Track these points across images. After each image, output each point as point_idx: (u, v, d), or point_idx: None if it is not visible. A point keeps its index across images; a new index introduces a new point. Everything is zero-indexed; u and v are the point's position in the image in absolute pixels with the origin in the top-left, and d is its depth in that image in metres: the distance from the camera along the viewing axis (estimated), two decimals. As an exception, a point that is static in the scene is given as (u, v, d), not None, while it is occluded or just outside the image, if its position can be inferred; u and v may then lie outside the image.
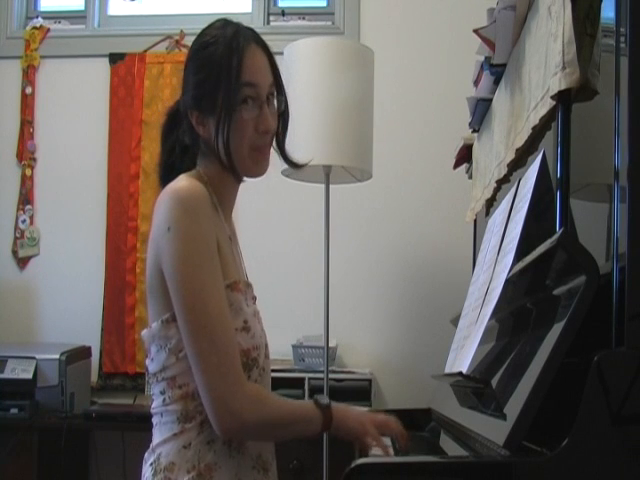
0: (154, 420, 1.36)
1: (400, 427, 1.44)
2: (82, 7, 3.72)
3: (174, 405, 1.32)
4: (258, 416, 1.28)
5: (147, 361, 1.37)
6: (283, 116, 1.45)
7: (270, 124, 1.39)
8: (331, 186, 2.80)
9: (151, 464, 1.33)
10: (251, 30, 1.44)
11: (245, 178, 1.44)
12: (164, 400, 1.33)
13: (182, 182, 1.32)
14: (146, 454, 1.36)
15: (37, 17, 3.67)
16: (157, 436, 1.35)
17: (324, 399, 1.36)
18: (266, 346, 1.41)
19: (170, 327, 1.31)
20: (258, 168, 1.41)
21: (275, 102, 1.43)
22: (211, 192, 1.37)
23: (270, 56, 1.42)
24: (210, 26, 1.44)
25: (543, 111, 1.38)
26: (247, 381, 1.30)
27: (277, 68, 1.44)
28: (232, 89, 1.35)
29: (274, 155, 1.47)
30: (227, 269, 1.34)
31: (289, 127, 1.49)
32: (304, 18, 3.62)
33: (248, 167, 1.39)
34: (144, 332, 1.36)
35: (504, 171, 1.81)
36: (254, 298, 1.45)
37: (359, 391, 3.02)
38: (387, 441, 1.45)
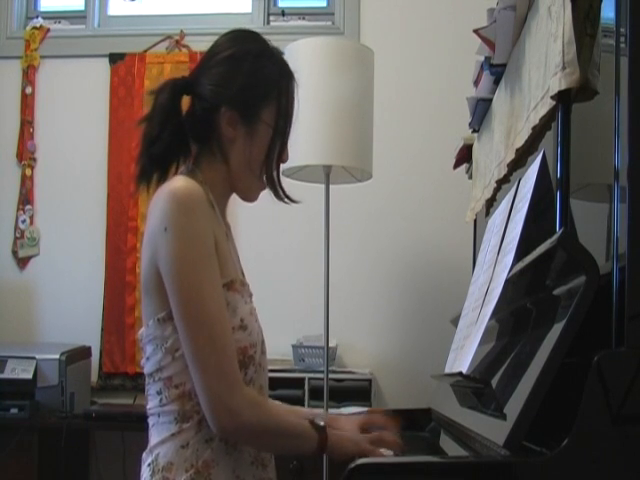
0: (151, 421, 1.36)
1: (394, 439, 1.43)
2: (82, 7, 3.72)
3: (171, 405, 1.32)
4: (256, 418, 1.28)
5: (143, 361, 1.37)
6: None
7: (287, 159, 1.47)
8: (331, 186, 2.80)
9: (149, 464, 1.33)
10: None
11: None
12: (161, 400, 1.33)
13: (178, 182, 1.32)
14: (144, 454, 1.36)
15: (37, 17, 3.67)
16: (155, 437, 1.34)
17: (319, 421, 1.36)
18: (263, 342, 1.41)
19: (166, 326, 1.31)
20: (253, 195, 1.47)
21: None
22: (207, 190, 1.38)
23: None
24: (254, 35, 1.46)
25: (543, 111, 1.38)
26: (244, 384, 1.30)
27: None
28: (290, 119, 1.43)
29: None
30: (225, 267, 1.34)
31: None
32: (304, 18, 3.62)
33: (246, 187, 1.45)
34: (140, 331, 1.36)
35: (504, 171, 1.81)
36: (251, 295, 1.46)
37: (359, 391, 3.02)
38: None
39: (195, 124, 1.41)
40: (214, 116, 1.38)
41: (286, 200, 1.52)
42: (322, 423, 1.36)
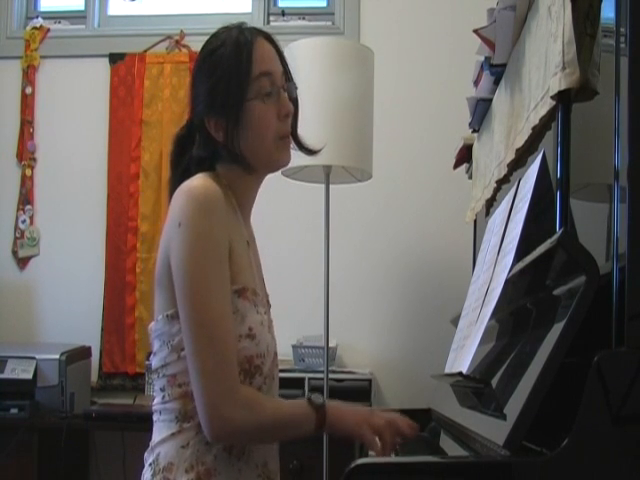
0: (154, 417, 1.36)
1: (405, 428, 1.40)
2: (82, 7, 3.72)
3: (173, 403, 1.32)
4: (251, 422, 1.27)
5: (152, 355, 1.37)
6: (294, 104, 1.45)
7: (290, 107, 1.41)
8: (331, 186, 2.80)
9: (150, 464, 1.33)
10: (254, 27, 1.45)
11: (263, 175, 1.44)
12: (163, 397, 1.33)
13: (197, 180, 1.32)
14: (146, 453, 1.36)
15: (37, 17, 3.67)
16: (156, 434, 1.34)
17: (318, 398, 1.34)
18: (275, 354, 1.41)
19: (174, 323, 1.30)
20: (285, 157, 1.42)
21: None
22: (231, 195, 1.37)
23: (277, 46, 1.43)
24: (214, 35, 1.44)
25: (543, 111, 1.38)
26: (241, 385, 1.28)
27: (284, 57, 1.44)
28: (245, 80, 1.35)
29: None
30: (238, 274, 1.33)
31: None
32: (304, 18, 3.62)
33: (275, 158, 1.40)
34: (150, 325, 1.36)
35: (504, 171, 1.81)
36: (269, 306, 1.45)
37: (359, 391, 3.02)
38: None
39: (202, 150, 1.41)
40: (205, 132, 1.38)
41: (306, 150, 1.50)
42: (320, 400, 1.33)
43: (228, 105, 1.35)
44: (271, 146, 1.38)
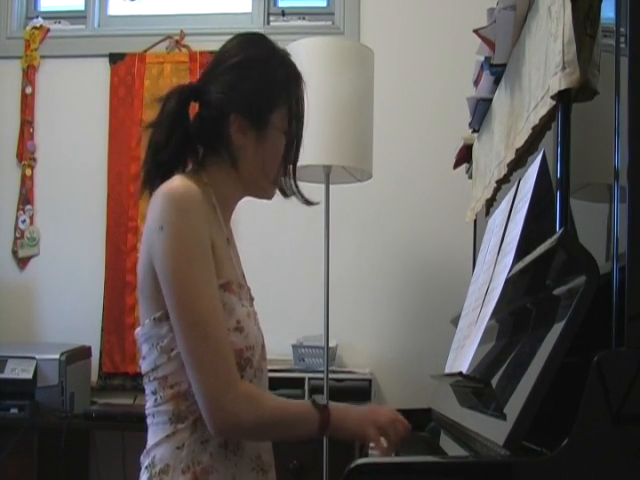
0: (148, 421, 1.36)
1: (403, 427, 1.40)
2: (82, 7, 3.72)
3: (166, 405, 1.32)
4: (253, 416, 1.27)
5: (140, 360, 1.37)
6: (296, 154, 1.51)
7: (296, 160, 1.48)
8: (331, 186, 2.80)
9: (146, 467, 1.33)
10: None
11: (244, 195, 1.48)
12: (156, 400, 1.33)
13: (176, 182, 1.32)
14: (142, 456, 1.36)
15: (37, 17, 3.67)
16: (151, 438, 1.34)
17: (322, 399, 1.35)
18: (263, 347, 1.41)
19: (162, 326, 1.31)
20: (270, 195, 1.50)
21: None
22: (211, 192, 1.38)
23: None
24: (260, 41, 1.45)
25: (543, 111, 1.38)
26: (241, 380, 1.29)
27: None
28: (301, 121, 1.43)
29: None
30: (221, 269, 1.33)
31: None
32: (304, 18, 3.62)
33: (262, 192, 1.47)
34: (137, 330, 1.36)
35: (504, 171, 1.81)
36: (251, 299, 1.45)
37: (359, 391, 3.02)
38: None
39: (203, 130, 1.40)
40: (223, 123, 1.38)
41: (304, 201, 1.57)
42: (324, 402, 1.34)
43: (264, 123, 1.39)
44: (267, 180, 1.44)
